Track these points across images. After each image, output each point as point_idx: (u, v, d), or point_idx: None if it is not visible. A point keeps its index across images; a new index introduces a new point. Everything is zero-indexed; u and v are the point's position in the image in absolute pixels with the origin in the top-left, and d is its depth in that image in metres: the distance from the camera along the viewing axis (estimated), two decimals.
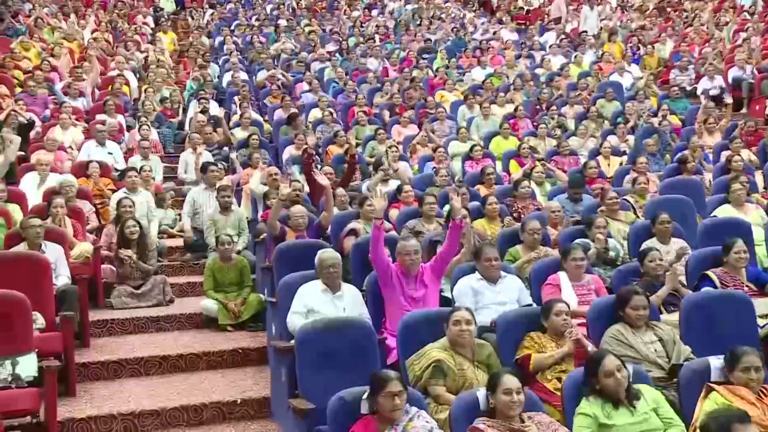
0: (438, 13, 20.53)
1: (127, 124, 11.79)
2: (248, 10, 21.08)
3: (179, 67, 15.79)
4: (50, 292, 6.17)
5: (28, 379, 5.09)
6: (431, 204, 7.54)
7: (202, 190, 9.00)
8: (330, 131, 11.43)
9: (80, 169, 9.52)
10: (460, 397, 4.32)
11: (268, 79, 14.07)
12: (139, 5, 20.34)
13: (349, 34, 18.01)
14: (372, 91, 13.79)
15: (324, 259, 5.76)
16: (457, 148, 11.07)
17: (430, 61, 15.95)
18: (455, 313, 4.85)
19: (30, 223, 6.82)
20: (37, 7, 17.88)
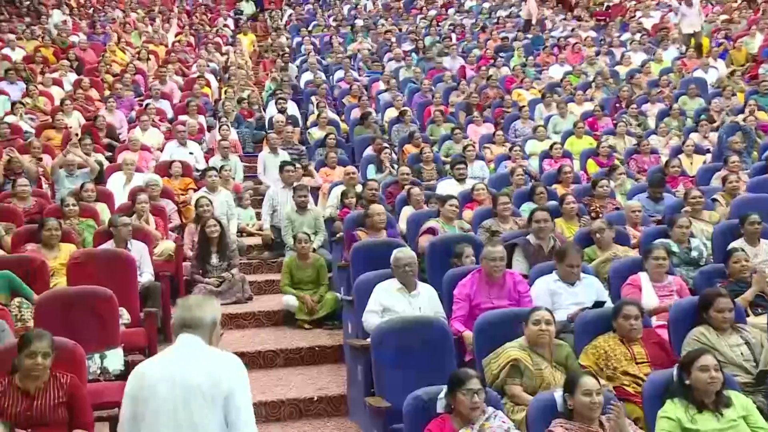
0: (515, 10, 20.32)
1: (208, 124, 12.04)
2: (325, 11, 21.29)
3: (258, 68, 16.07)
4: (135, 288, 6.36)
5: (115, 373, 5.26)
6: (505, 204, 7.47)
7: (279, 189, 9.13)
8: (406, 131, 11.44)
9: (163, 168, 9.78)
10: (538, 397, 4.28)
11: (346, 80, 14.18)
12: (220, 8, 20.78)
13: (425, 33, 18.00)
14: (448, 90, 13.74)
15: (399, 258, 5.77)
16: (535, 146, 10.94)
17: (507, 59, 15.81)
18: (535, 312, 4.80)
19: (119, 221, 7.04)
20: (127, 11, 18.52)
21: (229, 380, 3.18)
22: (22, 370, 4.23)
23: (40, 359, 4.20)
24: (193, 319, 3.27)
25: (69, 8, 19.07)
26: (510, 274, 5.82)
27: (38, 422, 4.17)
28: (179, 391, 3.14)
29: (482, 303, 5.57)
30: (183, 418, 3.13)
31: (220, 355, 3.28)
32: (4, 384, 4.25)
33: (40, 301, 5.51)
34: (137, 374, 3.27)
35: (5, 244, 7.04)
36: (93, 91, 12.74)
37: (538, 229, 6.63)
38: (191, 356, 3.22)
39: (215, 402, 3.14)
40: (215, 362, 3.23)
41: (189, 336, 3.26)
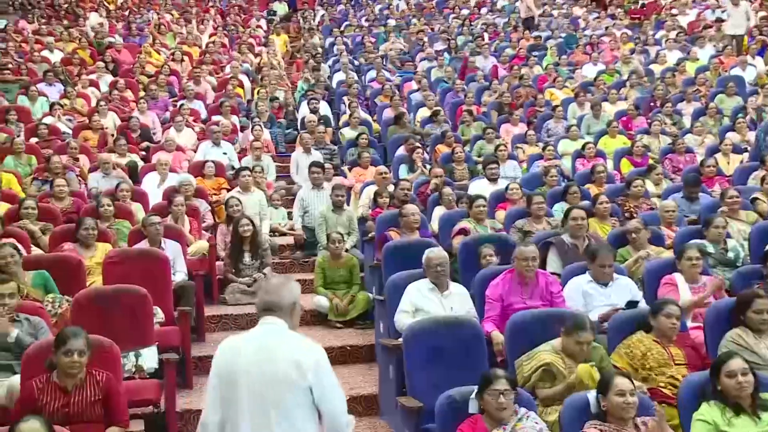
0: (548, 9, 20.20)
1: (241, 124, 12.13)
2: (358, 11, 21.33)
3: (291, 69, 16.15)
4: (169, 287, 6.41)
5: (149, 371, 5.32)
6: (540, 204, 7.43)
7: (309, 190, 9.16)
8: (438, 131, 11.42)
9: (197, 168, 9.87)
10: (571, 398, 4.25)
11: (378, 80, 14.21)
12: (254, 9, 20.92)
13: (457, 33, 17.96)
14: (480, 89, 13.70)
15: (431, 258, 5.77)
16: (567, 146, 10.87)
17: (540, 58, 15.71)
18: (580, 333, 4.62)
19: (151, 221, 7.11)
20: (162, 12, 18.75)
21: (311, 363, 3.27)
22: (59, 367, 4.31)
23: (76, 357, 4.28)
24: (274, 302, 3.38)
25: (106, 11, 19.34)
26: (542, 275, 5.79)
27: (75, 419, 4.24)
28: (263, 373, 3.24)
29: (514, 303, 5.55)
30: (267, 400, 3.22)
31: (300, 338, 3.39)
32: (43, 381, 4.32)
33: (77, 299, 5.58)
34: (223, 354, 3.37)
35: (42, 243, 7.15)
36: (128, 92, 12.91)
37: (574, 227, 6.59)
38: (273, 339, 3.33)
39: (298, 384, 3.23)
40: (296, 345, 3.33)
41: (271, 318, 3.37)
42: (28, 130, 10.89)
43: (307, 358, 3.29)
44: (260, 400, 3.23)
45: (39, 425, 3.57)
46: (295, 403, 3.24)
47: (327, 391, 3.27)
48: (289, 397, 3.23)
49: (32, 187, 8.93)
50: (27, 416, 3.66)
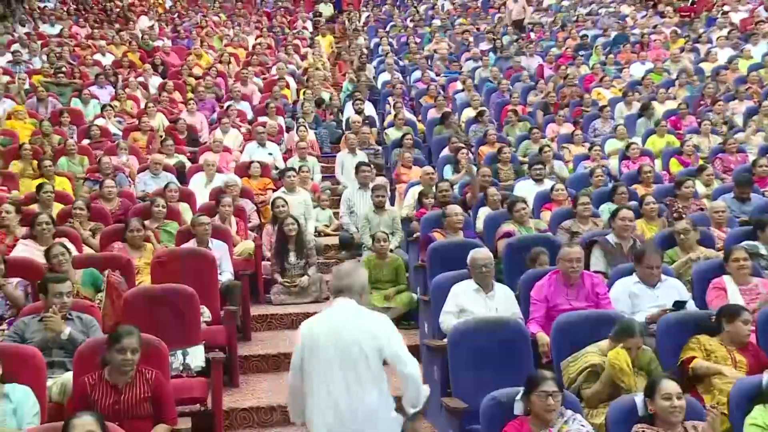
0: (596, 8, 19.97)
1: (287, 125, 12.22)
2: (403, 12, 21.34)
3: (336, 69, 16.23)
4: (216, 287, 6.49)
5: (196, 369, 5.38)
6: (585, 204, 7.36)
7: (356, 190, 9.19)
8: (483, 131, 11.37)
9: (243, 169, 9.97)
10: (617, 401, 4.20)
11: (423, 80, 14.20)
12: (299, 11, 21.07)
13: (503, 33, 17.86)
14: (526, 89, 13.61)
15: (477, 259, 5.75)
16: (614, 146, 10.74)
17: (587, 57, 15.55)
18: (628, 340, 4.60)
19: (199, 221, 7.21)
20: (209, 15, 19.01)
21: (381, 333, 3.79)
22: (112, 364, 4.40)
23: (129, 355, 4.37)
24: (346, 285, 3.92)
25: (155, 14, 19.66)
26: (588, 276, 5.74)
27: (125, 415, 4.32)
28: (341, 347, 3.76)
29: (560, 304, 5.51)
30: (345, 370, 3.74)
31: (370, 313, 3.89)
32: (95, 378, 4.42)
33: (126, 298, 5.67)
34: (306, 332, 3.89)
35: (92, 243, 7.29)
36: (176, 93, 13.10)
37: (622, 227, 6.51)
38: (348, 316, 3.84)
39: (371, 355, 3.75)
40: (368, 320, 3.83)
41: (344, 299, 3.89)
42: (80, 131, 11.14)
43: (381, 329, 3.80)
44: (338, 366, 3.74)
45: (92, 421, 3.64)
46: (368, 368, 3.74)
47: (403, 358, 3.76)
48: (362, 363, 3.73)
49: (84, 188, 9.12)
50: (80, 412, 3.73)
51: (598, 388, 4.52)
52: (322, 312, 3.98)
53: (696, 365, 4.72)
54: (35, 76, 13.35)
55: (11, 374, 4.33)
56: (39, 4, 19.87)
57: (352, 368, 3.74)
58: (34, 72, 13.70)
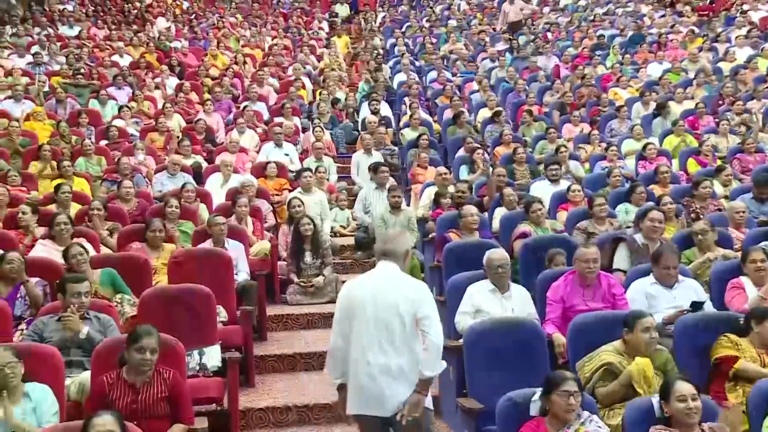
0: (613, 7, 19.88)
1: (303, 126, 12.25)
2: (419, 12, 21.33)
3: (352, 70, 16.25)
4: (232, 287, 6.51)
5: (213, 369, 5.40)
6: (601, 205, 7.33)
7: (372, 190, 9.20)
8: (499, 131, 11.36)
9: (259, 169, 10.00)
10: (634, 402, 4.18)
11: (438, 80, 14.20)
12: (316, 11, 21.12)
13: (519, 33, 17.81)
14: (542, 89, 13.57)
15: (493, 259, 5.73)
16: (631, 146, 10.68)
17: (604, 57, 15.48)
18: (644, 319, 4.65)
19: (215, 221, 7.23)
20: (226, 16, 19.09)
21: (418, 298, 4.06)
22: (131, 364, 4.43)
23: (149, 354, 4.40)
24: (390, 249, 4.21)
25: (173, 15, 19.76)
26: (604, 276, 5.71)
27: (143, 415, 4.34)
28: (378, 308, 4.06)
29: (576, 305, 5.49)
30: (380, 330, 4.03)
31: (410, 279, 4.18)
32: (113, 377, 4.45)
33: (143, 298, 5.70)
34: (346, 293, 4.24)
35: (110, 243, 7.33)
36: (193, 94, 13.16)
37: (651, 228, 6.47)
38: (389, 280, 4.14)
39: (407, 318, 4.02)
40: (406, 285, 4.12)
41: (387, 263, 4.18)
42: (98, 132, 11.21)
43: (417, 294, 4.08)
44: (373, 326, 4.04)
45: (112, 420, 3.66)
46: (403, 329, 4.02)
47: (431, 323, 3.99)
48: (397, 324, 4.02)
49: (102, 188, 9.18)
50: (100, 411, 3.76)
51: (614, 389, 4.50)
52: (365, 274, 4.32)
53: (743, 367, 4.67)
54: (54, 78, 13.47)
55: (30, 373, 4.37)
56: (58, 6, 20.03)
57: (385, 329, 4.03)
58: (54, 73, 13.81)
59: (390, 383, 4.02)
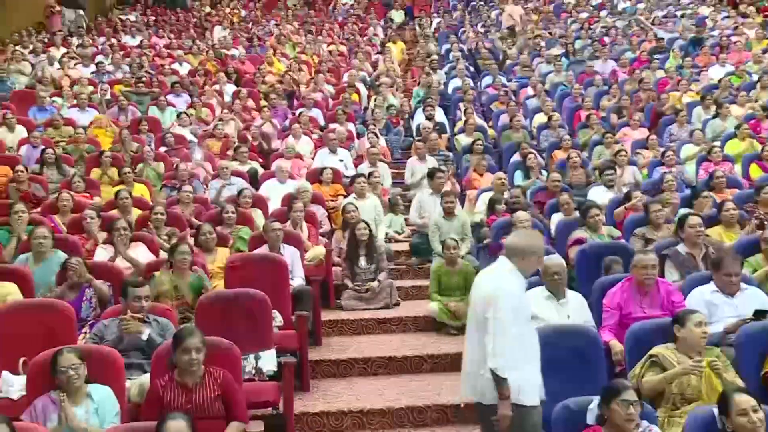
0: (673, 10, 19.53)
1: (357, 132, 12.30)
2: (474, 17, 21.26)
3: (407, 76, 16.28)
4: (287, 292, 6.56)
5: (269, 374, 5.46)
6: (658, 211, 7.19)
7: (427, 196, 9.19)
8: (555, 136, 11.24)
9: (314, 175, 10.08)
10: (695, 413, 4.09)
11: (493, 85, 14.13)
12: (371, 17, 21.22)
13: (575, 37, 17.64)
14: (599, 94, 13.40)
15: (549, 266, 5.68)
16: (690, 151, 10.47)
17: (663, 60, 15.21)
18: (696, 314, 4.62)
19: (272, 227, 7.31)
20: (283, 24, 19.32)
21: (489, 298, 4.19)
22: (179, 366, 4.52)
23: (194, 354, 4.48)
24: (508, 244, 4.36)
25: (230, 23, 20.07)
26: (663, 283, 5.62)
27: (198, 415, 4.40)
28: (472, 301, 4.42)
29: (633, 312, 5.40)
30: (470, 321, 4.41)
31: (500, 277, 4.27)
32: (166, 379, 4.54)
33: (201, 302, 5.80)
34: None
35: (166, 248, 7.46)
36: (250, 101, 13.34)
37: (694, 234, 6.34)
38: (485, 275, 4.43)
39: (479, 316, 4.26)
40: (492, 281, 4.27)
41: (502, 258, 4.33)
42: (158, 139, 11.44)
43: (492, 293, 4.19)
44: (471, 316, 4.41)
45: (185, 424, 3.72)
46: (481, 325, 4.22)
47: (492, 325, 4.13)
48: (479, 319, 4.24)
49: (161, 194, 9.36)
50: (174, 414, 3.82)
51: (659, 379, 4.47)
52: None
53: None
54: (116, 86, 13.79)
55: (93, 375, 4.47)
56: (121, 16, 20.53)
57: (474, 321, 4.33)
58: (116, 82, 14.14)
59: (467, 376, 4.42)
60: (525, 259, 4.23)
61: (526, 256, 4.24)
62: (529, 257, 4.25)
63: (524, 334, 4.25)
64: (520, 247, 4.25)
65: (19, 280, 6.06)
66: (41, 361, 4.54)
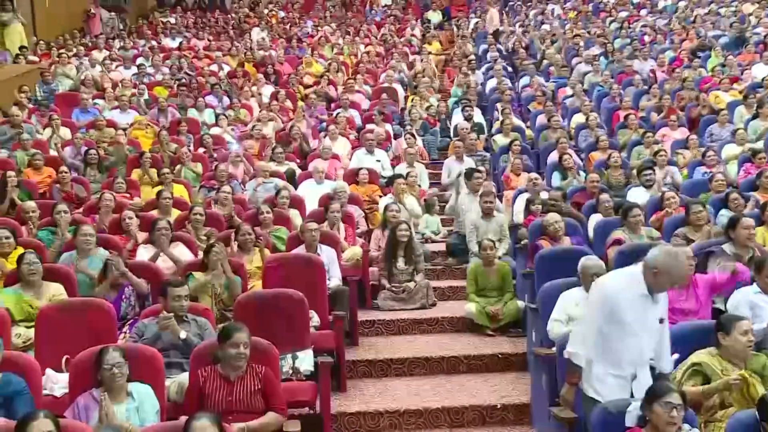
0: (715, 8, 19.22)
1: (394, 132, 12.31)
2: (512, 17, 21.16)
3: (444, 76, 16.25)
4: (324, 292, 6.58)
5: (306, 374, 5.49)
6: (698, 212, 7.09)
7: (465, 195, 9.17)
8: (593, 136, 11.15)
9: (351, 175, 10.11)
10: (738, 416, 4.02)
11: (531, 85, 14.05)
12: (408, 18, 21.23)
13: (615, 36, 17.45)
14: (638, 93, 13.25)
15: (588, 266, 5.63)
16: (732, 151, 10.30)
17: (705, 59, 14.98)
18: (742, 322, 4.55)
19: (309, 227, 7.34)
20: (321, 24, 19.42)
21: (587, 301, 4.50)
22: (226, 360, 4.61)
23: (242, 348, 4.60)
24: (650, 258, 4.17)
25: (269, 25, 20.22)
26: (699, 278, 5.58)
27: (238, 408, 4.52)
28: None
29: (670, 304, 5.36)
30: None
31: (620, 276, 4.31)
32: (208, 371, 4.65)
33: (239, 301, 5.86)
34: None
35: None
36: (288, 102, 13.42)
37: (746, 236, 6.24)
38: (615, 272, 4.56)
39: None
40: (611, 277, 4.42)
41: (639, 264, 4.24)
42: (196, 140, 11.56)
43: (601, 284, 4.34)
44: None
45: (209, 423, 3.77)
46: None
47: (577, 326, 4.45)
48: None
49: (200, 195, 9.46)
50: (198, 414, 3.88)
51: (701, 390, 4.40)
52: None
53: None
54: (156, 88, 13.97)
55: (134, 373, 4.53)
56: (162, 19, 20.80)
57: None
58: (156, 83, 14.33)
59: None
60: (657, 276, 4.12)
61: (660, 274, 4.12)
62: (661, 276, 4.12)
63: (611, 336, 4.23)
64: (657, 264, 4.11)
65: (63, 280, 6.18)
66: (84, 360, 4.62)
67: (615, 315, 4.20)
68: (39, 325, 5.47)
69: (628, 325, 4.23)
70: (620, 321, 4.21)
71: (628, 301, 4.19)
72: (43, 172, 9.78)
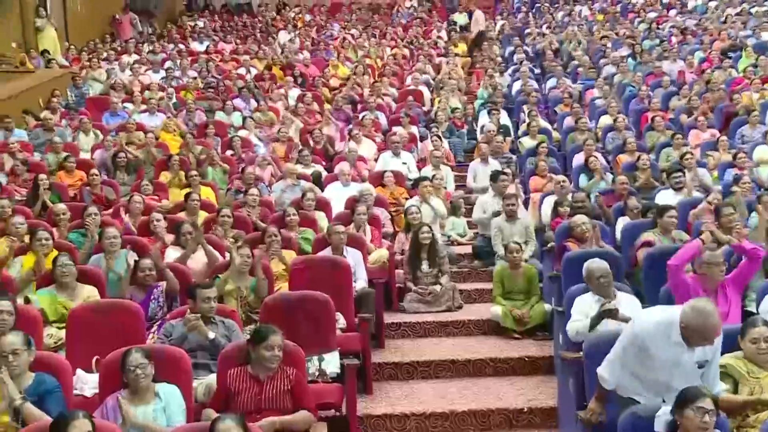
0: (747, 7, 18.98)
1: (420, 134, 12.30)
2: (539, 19, 21.06)
3: (471, 78, 16.22)
4: (350, 294, 6.60)
5: (332, 376, 5.50)
6: (729, 215, 7.01)
7: (491, 198, 9.14)
8: (620, 138, 11.06)
9: (377, 178, 10.12)
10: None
11: (558, 87, 13.97)
12: (434, 20, 21.21)
13: (643, 37, 17.31)
14: (667, 95, 13.13)
15: (592, 270, 5.63)
16: (764, 153, 10.16)
17: (736, 60, 14.80)
18: (754, 329, 4.50)
19: (336, 229, 7.37)
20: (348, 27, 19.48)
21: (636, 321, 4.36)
22: (258, 361, 4.66)
23: (277, 351, 4.65)
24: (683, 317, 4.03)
25: (295, 28, 20.31)
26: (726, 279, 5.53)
27: (267, 407, 4.56)
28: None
29: None
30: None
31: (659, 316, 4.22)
32: (238, 371, 4.70)
33: (266, 303, 5.88)
34: None
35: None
36: (314, 104, 13.47)
37: None
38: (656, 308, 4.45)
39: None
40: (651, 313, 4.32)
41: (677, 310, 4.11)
42: (224, 143, 11.63)
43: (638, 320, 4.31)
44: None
45: (234, 424, 3.78)
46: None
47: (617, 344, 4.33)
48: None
49: (227, 197, 9.52)
50: (223, 415, 3.90)
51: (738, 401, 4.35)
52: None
53: None
54: (183, 91, 14.09)
55: (162, 374, 4.58)
56: (190, 23, 20.98)
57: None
58: (183, 87, 14.45)
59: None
60: (686, 332, 4.03)
61: (688, 331, 4.02)
62: (691, 333, 4.03)
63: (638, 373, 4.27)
64: (687, 323, 4.01)
65: (95, 282, 6.27)
66: (113, 360, 4.66)
67: (644, 352, 4.18)
68: (70, 326, 5.55)
69: (658, 366, 4.21)
70: (650, 359, 4.19)
71: (660, 347, 4.14)
72: (75, 175, 9.93)
